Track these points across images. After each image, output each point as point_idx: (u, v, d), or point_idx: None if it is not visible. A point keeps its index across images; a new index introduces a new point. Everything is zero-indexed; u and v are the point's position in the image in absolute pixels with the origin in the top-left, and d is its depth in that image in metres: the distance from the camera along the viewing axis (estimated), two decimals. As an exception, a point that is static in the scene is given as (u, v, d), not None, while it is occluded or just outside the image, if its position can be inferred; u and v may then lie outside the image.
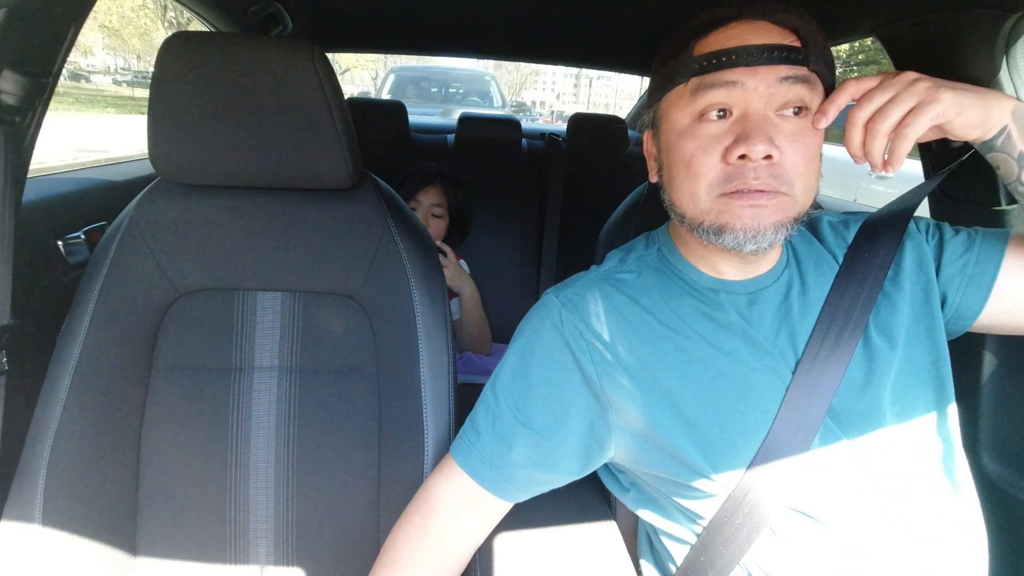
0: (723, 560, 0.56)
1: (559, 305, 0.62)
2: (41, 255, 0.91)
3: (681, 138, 0.55)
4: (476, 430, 0.63)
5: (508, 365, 0.63)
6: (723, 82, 0.52)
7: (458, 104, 4.90)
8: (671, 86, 0.56)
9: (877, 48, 1.16)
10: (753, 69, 0.51)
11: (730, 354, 0.57)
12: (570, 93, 44.89)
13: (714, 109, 0.53)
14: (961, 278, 0.61)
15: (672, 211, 0.60)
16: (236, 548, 0.75)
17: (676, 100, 0.56)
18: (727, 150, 0.52)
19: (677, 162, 0.55)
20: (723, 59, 0.52)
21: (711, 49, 0.53)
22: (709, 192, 0.53)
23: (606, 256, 0.69)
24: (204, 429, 0.75)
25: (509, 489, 0.61)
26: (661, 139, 0.59)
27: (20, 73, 0.67)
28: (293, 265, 0.77)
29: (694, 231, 0.57)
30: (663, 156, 0.59)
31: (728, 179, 0.52)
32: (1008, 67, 0.76)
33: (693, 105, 0.54)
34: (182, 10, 1.47)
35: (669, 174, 0.58)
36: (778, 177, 0.52)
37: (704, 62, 0.53)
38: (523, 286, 1.72)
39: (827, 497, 0.54)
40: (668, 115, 0.57)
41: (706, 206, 0.54)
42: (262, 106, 0.70)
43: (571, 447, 0.60)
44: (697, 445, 0.56)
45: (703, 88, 0.53)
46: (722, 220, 0.53)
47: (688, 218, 0.56)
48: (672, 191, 0.58)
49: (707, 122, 0.53)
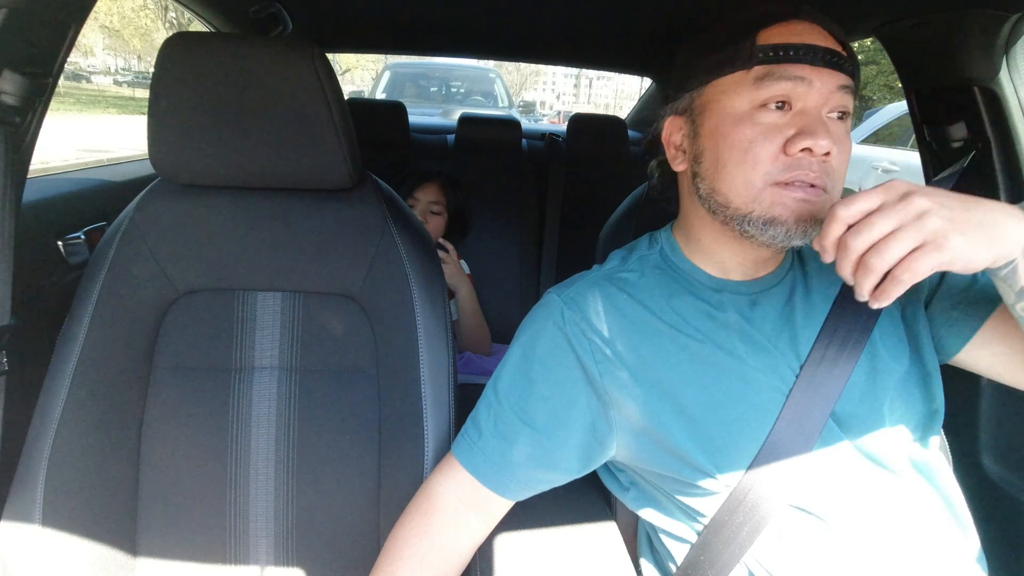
0: (723, 559, 0.56)
1: (561, 304, 0.62)
2: (41, 255, 0.91)
3: (739, 124, 0.54)
4: (478, 429, 0.63)
5: (510, 364, 0.63)
6: (791, 75, 0.52)
7: (459, 104, 4.55)
8: (727, 71, 0.55)
9: (877, 48, 1.16)
10: (818, 69, 0.53)
11: (731, 353, 0.57)
12: (570, 93, 44.90)
13: (777, 100, 0.53)
14: (942, 320, 0.60)
15: (709, 200, 0.57)
16: (236, 548, 0.75)
17: (732, 86, 0.55)
18: (789, 141, 0.52)
19: (731, 148, 0.54)
20: (790, 53, 0.53)
21: (778, 41, 0.53)
22: (765, 180, 0.53)
23: (608, 256, 0.69)
24: (204, 429, 0.75)
25: (511, 487, 0.61)
26: (704, 125, 0.57)
27: (20, 73, 0.67)
28: (293, 265, 0.77)
29: (734, 222, 0.55)
30: (705, 142, 0.57)
31: (787, 169, 0.52)
32: (1008, 67, 0.76)
33: (756, 93, 0.53)
34: (183, 10, 1.47)
35: (716, 160, 0.56)
36: (828, 175, 0.53)
37: (771, 52, 0.53)
38: (523, 286, 1.72)
39: (828, 497, 0.54)
40: (718, 100, 0.56)
41: (758, 194, 0.53)
42: (262, 106, 0.70)
43: (573, 445, 0.61)
44: (698, 443, 0.56)
45: (769, 78, 0.53)
46: (774, 212, 0.53)
47: (733, 207, 0.55)
48: (718, 178, 0.56)
49: (767, 111, 0.53)
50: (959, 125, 0.82)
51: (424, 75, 4.95)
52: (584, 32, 1.49)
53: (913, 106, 0.90)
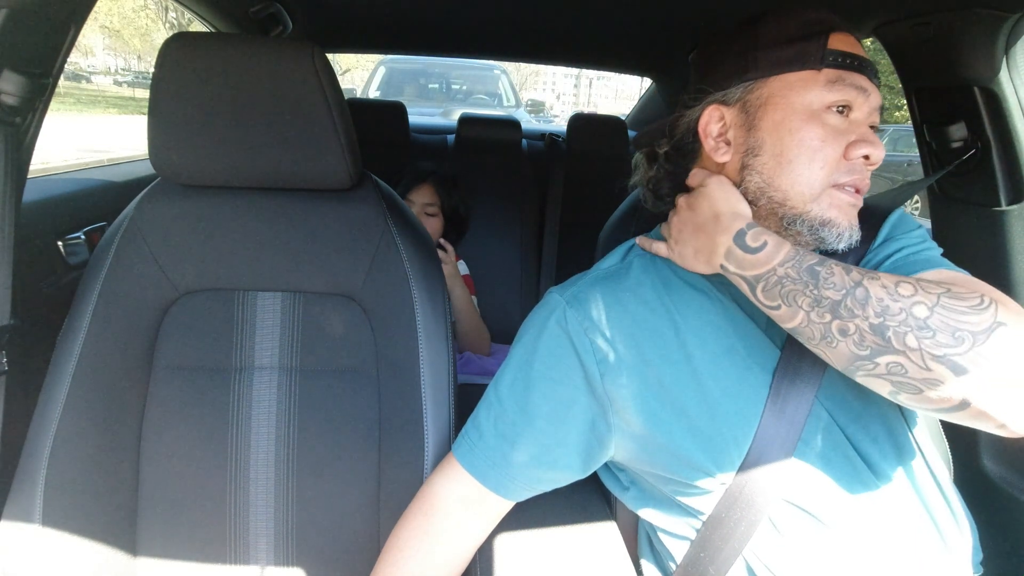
0: (723, 555, 0.56)
1: (563, 303, 0.62)
2: (41, 255, 0.91)
3: (810, 121, 0.54)
4: (478, 429, 0.63)
5: (512, 364, 0.63)
6: (857, 84, 0.54)
7: (461, 103, 4.20)
8: (797, 68, 0.55)
9: (877, 48, 1.15)
10: (873, 84, 0.56)
11: (728, 349, 0.58)
12: (570, 93, 44.87)
13: (842, 104, 0.55)
14: None
15: (760, 195, 0.57)
16: (236, 548, 0.75)
17: (801, 84, 0.55)
18: (851, 146, 0.54)
19: (800, 144, 0.54)
20: (856, 63, 0.55)
21: (846, 49, 0.55)
22: (827, 181, 0.54)
23: (607, 255, 0.69)
24: (204, 429, 0.75)
25: (511, 488, 0.61)
26: (765, 118, 0.56)
27: (20, 73, 0.67)
28: (293, 265, 0.77)
29: (784, 220, 0.56)
30: (765, 136, 0.56)
31: (848, 172, 0.54)
32: (1008, 67, 0.76)
33: (827, 95, 0.54)
34: (183, 11, 1.47)
35: (780, 155, 0.55)
36: (868, 182, 0.56)
37: (842, 58, 0.54)
38: (523, 286, 1.72)
39: (821, 489, 0.55)
40: (785, 96, 0.56)
41: (819, 195, 0.55)
42: (262, 107, 0.70)
43: (573, 445, 0.61)
44: (697, 441, 0.56)
45: (840, 83, 0.54)
46: (830, 214, 0.55)
47: (789, 204, 0.55)
48: (779, 173, 0.56)
49: (833, 114, 0.55)
50: (959, 125, 0.82)
51: (423, 72, 4.50)
52: (584, 32, 1.49)
53: (913, 106, 0.90)
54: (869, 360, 0.47)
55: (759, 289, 0.52)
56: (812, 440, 0.56)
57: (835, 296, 0.48)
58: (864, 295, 0.47)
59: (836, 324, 0.48)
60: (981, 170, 0.82)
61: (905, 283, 0.47)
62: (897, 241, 0.60)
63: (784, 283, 0.51)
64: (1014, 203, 0.80)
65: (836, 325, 0.48)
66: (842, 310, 0.47)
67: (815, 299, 0.49)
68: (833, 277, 0.49)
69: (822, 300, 0.48)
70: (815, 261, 0.50)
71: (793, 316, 0.50)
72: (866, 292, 0.47)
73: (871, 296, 0.47)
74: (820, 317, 0.49)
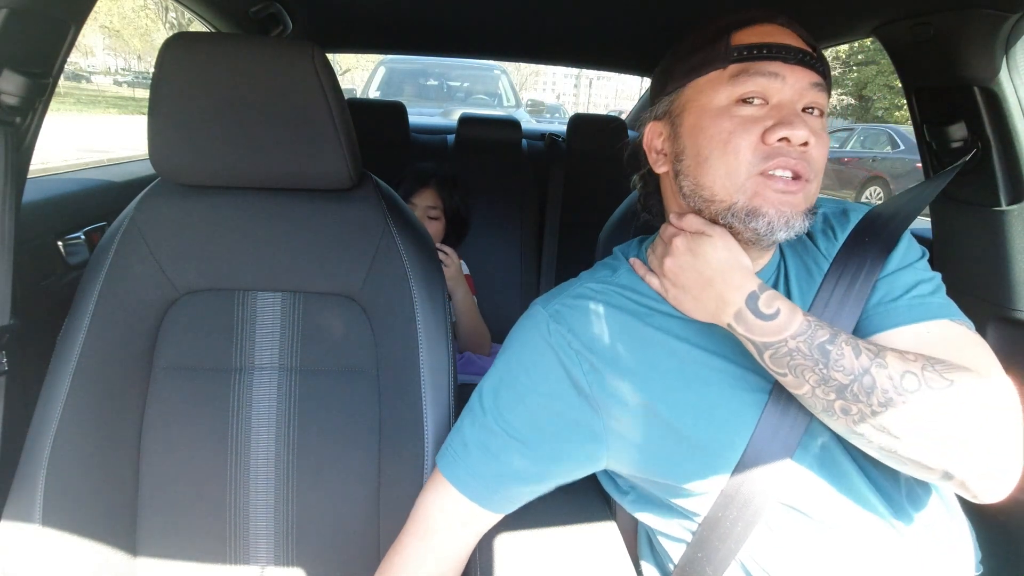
0: (720, 555, 0.56)
1: (547, 317, 0.61)
2: (41, 255, 0.91)
3: (718, 118, 0.55)
4: (463, 442, 0.62)
5: (495, 377, 0.63)
6: (765, 72, 0.54)
7: (461, 103, 4.23)
8: (703, 72, 0.57)
9: (877, 48, 1.16)
10: (791, 67, 0.55)
11: (719, 355, 0.58)
12: (570, 93, 44.89)
13: (752, 96, 0.55)
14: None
15: (694, 197, 0.58)
16: (236, 548, 0.75)
17: (709, 85, 0.57)
18: (767, 131, 0.54)
19: (711, 141, 0.55)
20: (764, 51, 0.55)
21: (751, 41, 0.56)
22: (748, 169, 0.54)
23: (596, 265, 0.69)
24: (204, 429, 0.75)
25: (497, 501, 0.61)
26: (684, 124, 0.59)
27: (20, 73, 0.67)
28: (293, 265, 0.77)
29: (720, 216, 0.56)
30: (685, 140, 0.58)
31: (767, 157, 0.53)
32: (1008, 67, 0.76)
33: (733, 89, 0.55)
34: (183, 11, 1.47)
35: (698, 156, 0.57)
36: (809, 164, 0.54)
37: (745, 51, 0.55)
38: (523, 286, 1.72)
39: (817, 491, 0.55)
40: (697, 100, 0.58)
41: (741, 184, 0.54)
42: (262, 107, 0.70)
43: (559, 459, 0.60)
44: (689, 446, 0.56)
45: (744, 75, 0.55)
46: (755, 203, 0.54)
47: (718, 199, 0.56)
48: (700, 171, 0.57)
49: (745, 106, 0.55)
50: (959, 125, 0.82)
51: (423, 72, 4.54)
52: (584, 32, 1.49)
53: (913, 106, 0.90)
54: (864, 437, 0.50)
55: (767, 355, 0.53)
56: (811, 443, 0.56)
57: (842, 380, 0.49)
58: (871, 384, 0.48)
59: (839, 404, 0.50)
60: (981, 170, 0.82)
61: (911, 375, 0.48)
62: (911, 273, 0.59)
63: (794, 356, 0.51)
64: (1014, 203, 0.80)
65: (839, 404, 0.50)
66: (847, 394, 0.49)
67: (823, 377, 0.50)
68: (843, 360, 0.49)
69: (829, 380, 0.50)
70: (826, 338, 0.50)
71: (799, 386, 0.52)
72: (872, 381, 0.48)
73: (876, 387, 0.48)
74: (825, 394, 0.50)
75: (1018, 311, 0.81)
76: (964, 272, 0.87)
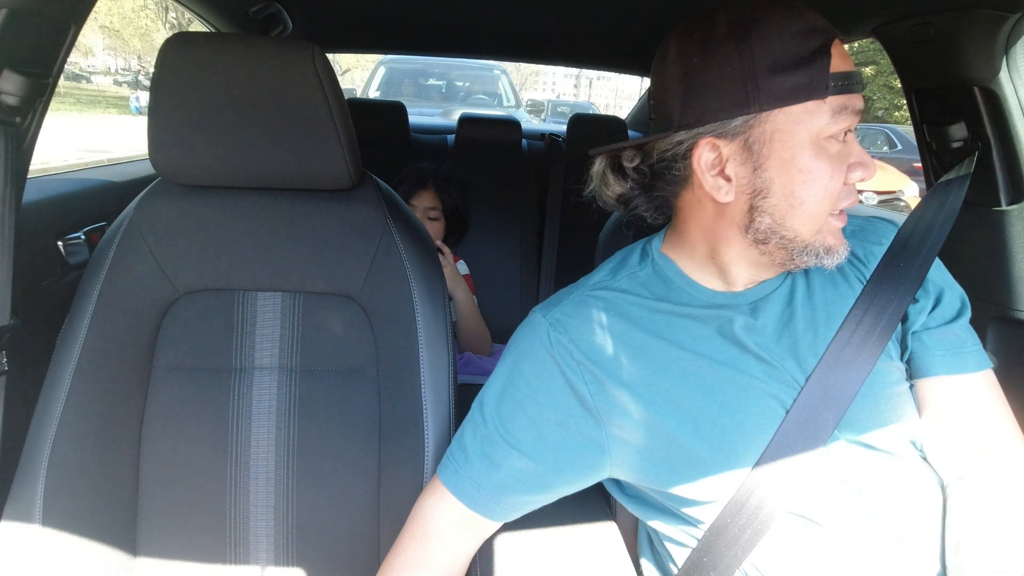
0: (726, 561, 0.56)
1: (547, 326, 0.60)
2: (41, 255, 0.91)
3: (817, 158, 0.51)
4: (464, 451, 0.61)
5: (496, 386, 0.62)
6: (857, 109, 0.51)
7: (461, 103, 4.22)
8: (803, 98, 0.49)
9: (877, 48, 1.16)
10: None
11: (726, 363, 0.56)
12: (570, 93, 44.86)
13: (843, 132, 0.52)
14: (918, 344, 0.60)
15: (769, 234, 0.53)
16: (236, 548, 0.75)
17: (806, 116, 0.50)
18: (850, 168, 0.52)
19: (809, 184, 0.51)
20: (854, 84, 0.51)
21: (845, 68, 0.50)
22: (831, 211, 0.53)
23: (596, 268, 0.67)
24: (204, 429, 0.75)
25: (498, 511, 0.60)
26: (772, 157, 0.51)
27: (20, 73, 0.67)
28: (293, 266, 0.77)
29: (792, 252, 0.54)
30: (775, 175, 0.52)
31: (846, 197, 0.52)
32: (1008, 67, 0.76)
33: (832, 126, 0.50)
34: (183, 11, 1.47)
35: (791, 198, 0.52)
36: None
37: (844, 81, 0.50)
38: (523, 286, 1.72)
39: (826, 501, 0.54)
40: (792, 132, 0.50)
41: (823, 224, 0.53)
42: (262, 106, 0.70)
43: (562, 468, 0.60)
44: (695, 455, 0.55)
45: (843, 111, 0.50)
46: (830, 243, 0.54)
47: (799, 240, 0.53)
48: (792, 215, 0.52)
49: (834, 142, 0.51)
50: (959, 125, 0.82)
51: (423, 72, 4.52)
52: (584, 32, 1.49)
53: (913, 106, 0.90)
54: None
55: None
56: (824, 454, 0.54)
57: None
58: None
59: None
60: (981, 170, 0.82)
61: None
62: (950, 305, 0.60)
63: None
64: (1014, 203, 0.80)
65: None
66: None
67: None
68: None
69: None
70: None
71: None
72: None
73: None
74: None
75: (1018, 311, 0.81)
76: (964, 272, 0.87)
